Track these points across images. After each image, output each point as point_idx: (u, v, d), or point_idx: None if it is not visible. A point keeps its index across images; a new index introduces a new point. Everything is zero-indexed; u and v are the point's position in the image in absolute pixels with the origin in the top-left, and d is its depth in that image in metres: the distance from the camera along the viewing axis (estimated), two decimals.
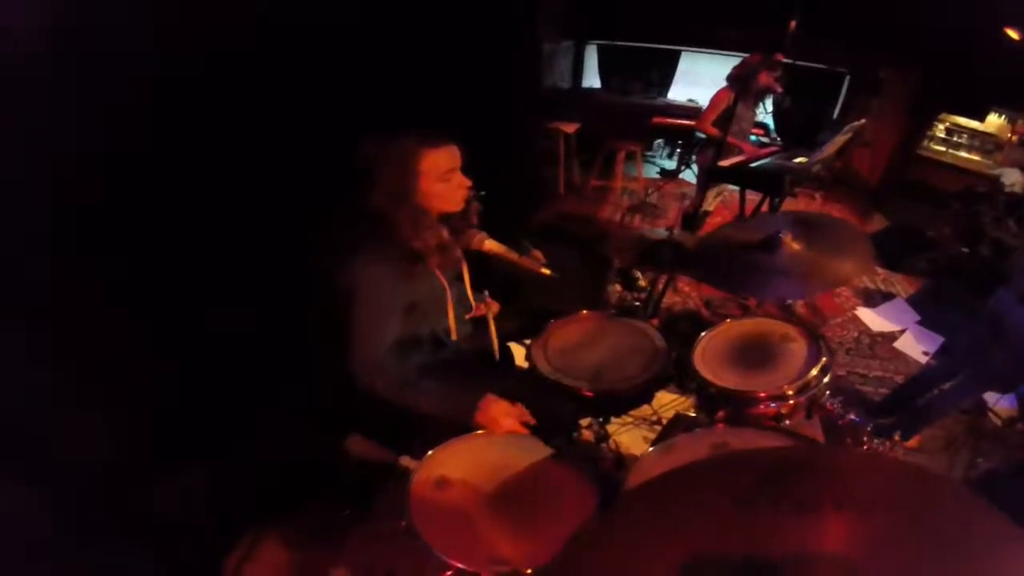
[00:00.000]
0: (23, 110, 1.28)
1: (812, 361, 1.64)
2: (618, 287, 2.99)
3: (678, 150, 6.69)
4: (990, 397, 3.01)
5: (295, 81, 1.98)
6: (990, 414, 2.97)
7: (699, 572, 0.77)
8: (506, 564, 1.20)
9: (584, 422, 1.93)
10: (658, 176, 6.24)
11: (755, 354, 1.73)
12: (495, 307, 1.96)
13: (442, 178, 1.59)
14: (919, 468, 0.87)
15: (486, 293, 1.94)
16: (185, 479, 1.76)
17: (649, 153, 6.86)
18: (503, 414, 1.52)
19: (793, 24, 2.46)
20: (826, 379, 1.61)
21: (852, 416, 1.86)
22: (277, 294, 2.00)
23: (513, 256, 1.77)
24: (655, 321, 1.82)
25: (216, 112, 1.70)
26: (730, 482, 0.91)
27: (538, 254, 1.82)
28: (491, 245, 1.76)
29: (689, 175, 5.80)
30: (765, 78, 3.71)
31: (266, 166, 1.92)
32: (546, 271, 1.76)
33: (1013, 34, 4.51)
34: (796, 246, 1.74)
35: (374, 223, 1.56)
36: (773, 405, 1.57)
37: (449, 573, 1.22)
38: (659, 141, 6.89)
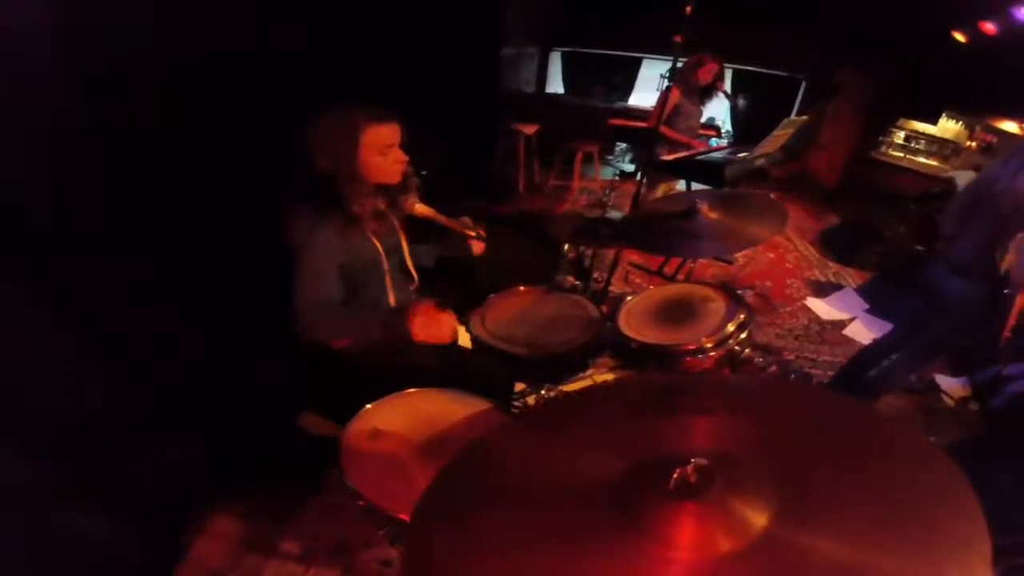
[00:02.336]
0: (23, 110, 1.32)
1: (730, 316, 1.72)
2: (570, 278, 3.09)
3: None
4: (942, 380, 3.12)
5: (266, 81, 2.07)
6: (943, 395, 3.06)
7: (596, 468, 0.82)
8: None
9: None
10: (616, 177, 6.40)
11: (676, 313, 1.81)
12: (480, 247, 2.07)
13: (381, 151, 1.70)
14: (790, 383, 0.96)
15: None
16: (146, 452, 1.79)
17: (610, 157, 7.03)
18: (432, 314, 1.62)
19: (688, 9, 2.60)
20: (744, 334, 1.69)
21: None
22: (230, 266, 2.05)
23: (442, 219, 1.86)
24: (604, 308, 1.93)
25: (204, 106, 1.78)
26: (626, 396, 1.00)
27: (468, 220, 1.91)
28: (422, 209, 1.85)
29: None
30: (704, 75, 3.90)
31: (245, 158, 1.99)
32: (471, 233, 1.86)
33: (960, 37, 4.74)
34: (713, 215, 1.85)
35: (318, 185, 1.67)
36: (698, 358, 1.65)
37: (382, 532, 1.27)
38: (621, 146, 7.06)
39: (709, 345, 1.64)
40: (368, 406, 1.51)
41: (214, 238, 1.93)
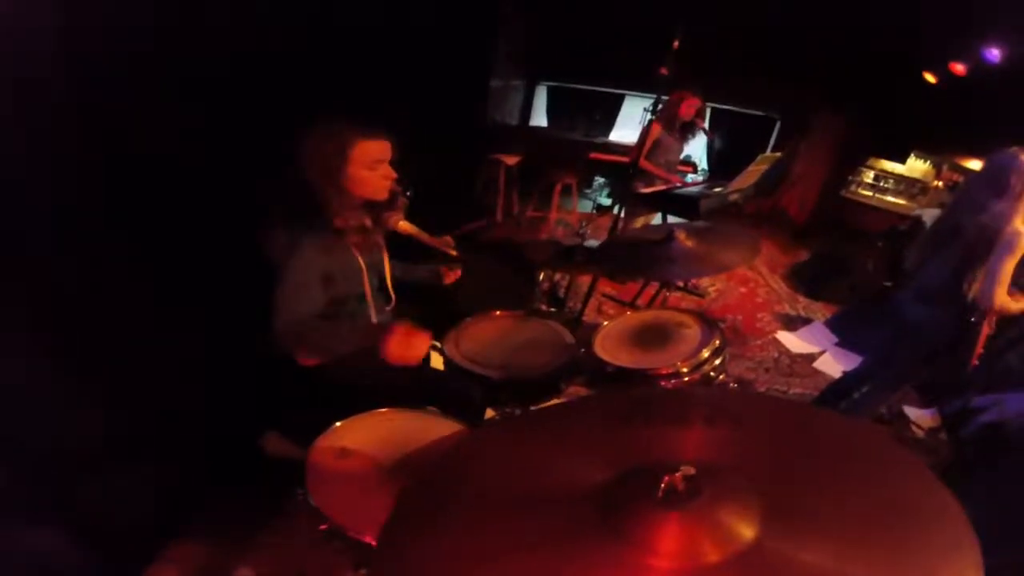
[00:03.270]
0: (23, 109, 1.31)
1: (705, 342, 1.74)
2: (543, 306, 3.10)
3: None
4: (911, 411, 3.14)
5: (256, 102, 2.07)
6: (912, 426, 3.08)
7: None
8: None
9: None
10: (594, 211, 6.49)
11: (652, 338, 1.83)
12: (453, 276, 2.08)
13: (369, 167, 1.71)
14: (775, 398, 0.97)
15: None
16: (99, 474, 1.71)
17: (588, 190, 7.12)
18: (408, 335, 1.56)
19: (676, 43, 2.69)
20: (719, 360, 1.71)
21: None
22: (199, 275, 2.01)
23: (425, 237, 1.87)
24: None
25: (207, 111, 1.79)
26: (608, 406, 0.99)
27: (449, 239, 1.91)
28: (405, 226, 1.86)
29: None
30: (685, 111, 4.00)
31: (234, 163, 1.98)
32: (453, 252, 1.87)
33: (930, 78, 4.93)
34: (689, 242, 1.90)
35: (303, 195, 1.67)
36: (673, 383, 1.66)
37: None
38: (599, 180, 7.17)
39: (685, 369, 1.66)
40: (337, 423, 1.47)
41: (188, 246, 1.90)
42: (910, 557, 0.63)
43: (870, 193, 5.70)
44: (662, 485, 0.70)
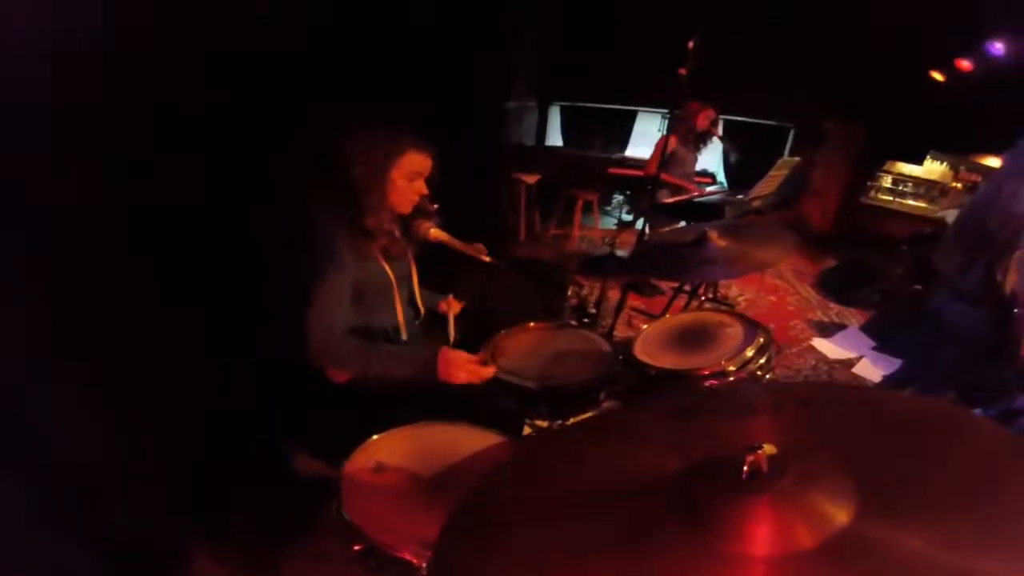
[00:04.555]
0: (23, 109, 1.31)
1: (749, 340, 1.68)
2: (573, 322, 3.05)
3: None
4: None
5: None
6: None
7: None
8: None
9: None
10: (615, 226, 6.46)
11: (693, 339, 1.77)
12: (457, 307, 2.07)
13: (409, 177, 1.75)
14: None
15: (450, 296, 2.07)
16: (125, 491, 1.68)
17: (608, 208, 7.12)
18: (462, 361, 1.61)
19: (691, 44, 2.66)
20: (764, 358, 1.65)
21: None
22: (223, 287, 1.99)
23: (457, 244, 1.84)
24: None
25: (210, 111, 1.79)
26: (669, 403, 0.93)
27: (482, 246, 1.88)
28: (436, 233, 1.85)
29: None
30: (702, 121, 4.00)
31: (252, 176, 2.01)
32: (487, 258, 1.84)
33: (938, 76, 4.87)
34: (723, 242, 1.85)
35: (342, 195, 1.70)
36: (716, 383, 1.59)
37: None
38: (618, 197, 7.16)
39: (731, 368, 1.60)
40: (373, 437, 1.43)
41: (208, 257, 1.90)
42: (1012, 531, 0.57)
43: (890, 198, 5.61)
44: (745, 467, 0.64)
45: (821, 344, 4.03)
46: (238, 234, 1.98)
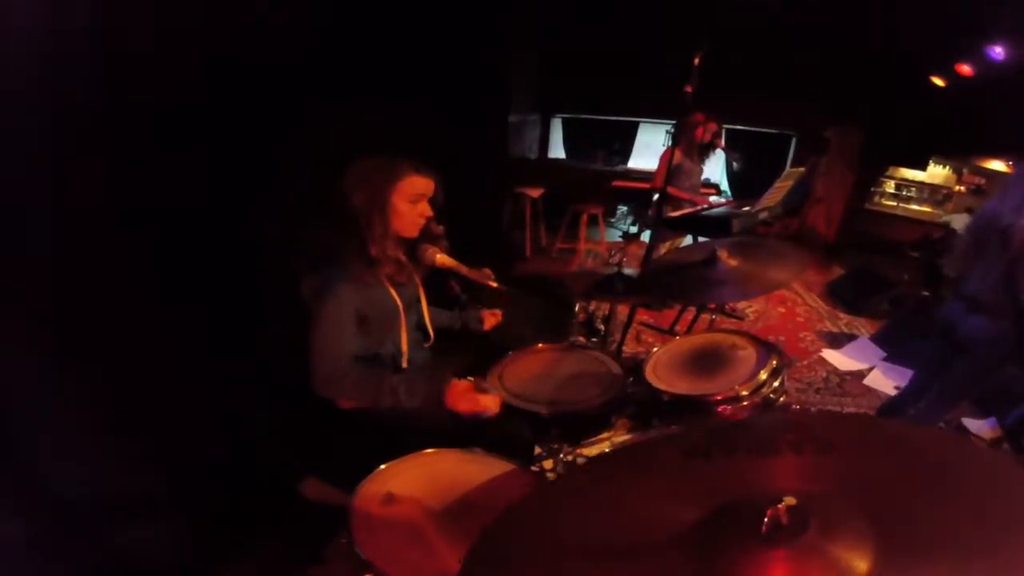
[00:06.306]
0: (22, 109, 1.30)
1: (762, 363, 1.66)
2: (581, 338, 3.04)
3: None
4: (970, 423, 3.01)
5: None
6: (973, 438, 2.92)
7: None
8: None
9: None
10: (621, 239, 6.45)
11: (706, 363, 1.75)
12: (493, 320, 2.12)
13: (411, 199, 1.73)
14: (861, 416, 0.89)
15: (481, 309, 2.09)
16: (134, 520, 1.66)
17: (612, 220, 7.11)
18: (472, 395, 1.60)
19: (696, 60, 2.66)
20: (778, 381, 1.62)
21: None
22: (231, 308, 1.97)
23: (464, 269, 1.84)
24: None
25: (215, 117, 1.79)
26: (685, 440, 0.91)
27: (489, 271, 1.87)
28: (443, 259, 1.84)
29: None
30: (703, 133, 4.00)
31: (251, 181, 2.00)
32: (494, 284, 1.82)
33: (939, 81, 4.85)
34: (733, 261, 1.83)
35: (344, 224, 1.68)
36: (733, 407, 1.58)
37: None
38: (622, 209, 7.16)
39: (744, 393, 1.57)
40: (382, 467, 1.41)
41: (207, 257, 1.88)
42: None
43: (894, 203, 5.61)
44: (765, 520, 0.62)
45: (832, 356, 4.00)
46: (238, 234, 1.97)
